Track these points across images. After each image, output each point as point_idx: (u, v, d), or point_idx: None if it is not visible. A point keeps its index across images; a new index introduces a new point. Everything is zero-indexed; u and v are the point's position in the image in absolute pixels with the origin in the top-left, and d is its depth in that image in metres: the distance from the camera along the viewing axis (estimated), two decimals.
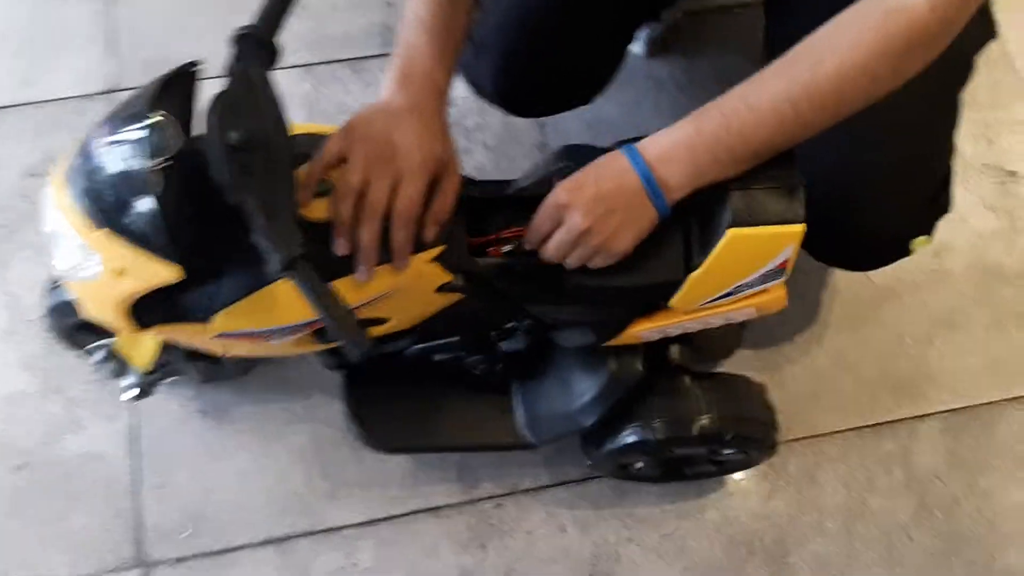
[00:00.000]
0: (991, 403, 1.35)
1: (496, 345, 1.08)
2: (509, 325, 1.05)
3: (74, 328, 1.10)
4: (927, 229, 1.05)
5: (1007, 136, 1.52)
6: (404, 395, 1.14)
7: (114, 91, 1.46)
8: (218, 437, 1.25)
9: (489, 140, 1.46)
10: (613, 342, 1.00)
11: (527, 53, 1.09)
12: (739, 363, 1.32)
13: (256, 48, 0.78)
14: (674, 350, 1.10)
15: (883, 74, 0.77)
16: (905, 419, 1.33)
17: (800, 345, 1.36)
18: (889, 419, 1.33)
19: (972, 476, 1.31)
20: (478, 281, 0.91)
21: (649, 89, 1.51)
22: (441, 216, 0.83)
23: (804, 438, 1.30)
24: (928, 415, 1.33)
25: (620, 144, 1.03)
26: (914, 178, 1.02)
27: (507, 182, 1.10)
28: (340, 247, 0.79)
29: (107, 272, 0.79)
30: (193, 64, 0.81)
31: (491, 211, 0.92)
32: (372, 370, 1.10)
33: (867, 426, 1.32)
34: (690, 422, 1.05)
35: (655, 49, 1.53)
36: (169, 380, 1.21)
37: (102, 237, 0.77)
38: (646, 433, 1.05)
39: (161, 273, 0.76)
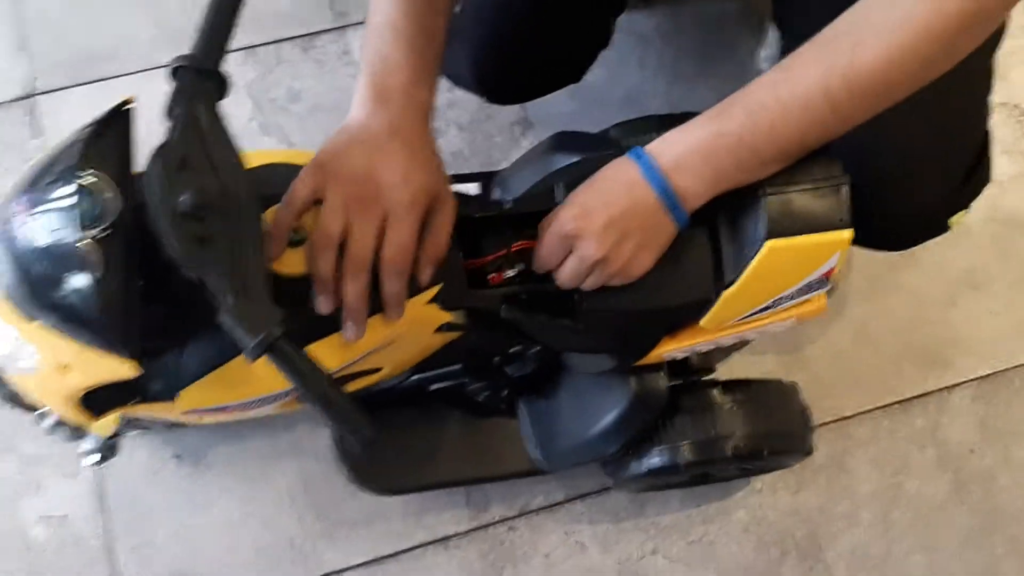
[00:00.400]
0: (1020, 366, 1.26)
1: (501, 370, 0.97)
2: (515, 350, 0.93)
3: (17, 394, 0.99)
4: (966, 203, 0.94)
5: (1019, 69, 1.40)
6: (400, 429, 1.03)
7: (30, 96, 1.28)
8: (196, 484, 1.13)
9: (463, 119, 1.31)
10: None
11: (510, 36, 0.96)
12: (756, 345, 1.22)
13: (199, 81, 0.63)
14: (695, 356, 0.99)
15: (936, 56, 0.65)
16: (933, 391, 1.25)
17: (819, 321, 1.25)
18: (917, 393, 1.24)
19: (1006, 446, 1.23)
20: (481, 315, 0.80)
21: (633, 46, 1.36)
22: (436, 255, 0.71)
23: (830, 422, 1.22)
24: (957, 385, 1.25)
25: (619, 128, 0.92)
26: (951, 149, 0.91)
27: (492, 174, 0.99)
28: (322, 306, 0.67)
29: (47, 366, 0.66)
30: (126, 103, 0.66)
31: (487, 227, 0.80)
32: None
33: (895, 403, 1.24)
34: (722, 442, 0.96)
35: (637, 2, 1.38)
36: (134, 433, 1.07)
37: (35, 330, 0.64)
38: (673, 456, 0.96)
39: (112, 369, 0.63)
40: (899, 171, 0.89)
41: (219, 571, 1.12)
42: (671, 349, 0.87)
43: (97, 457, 0.98)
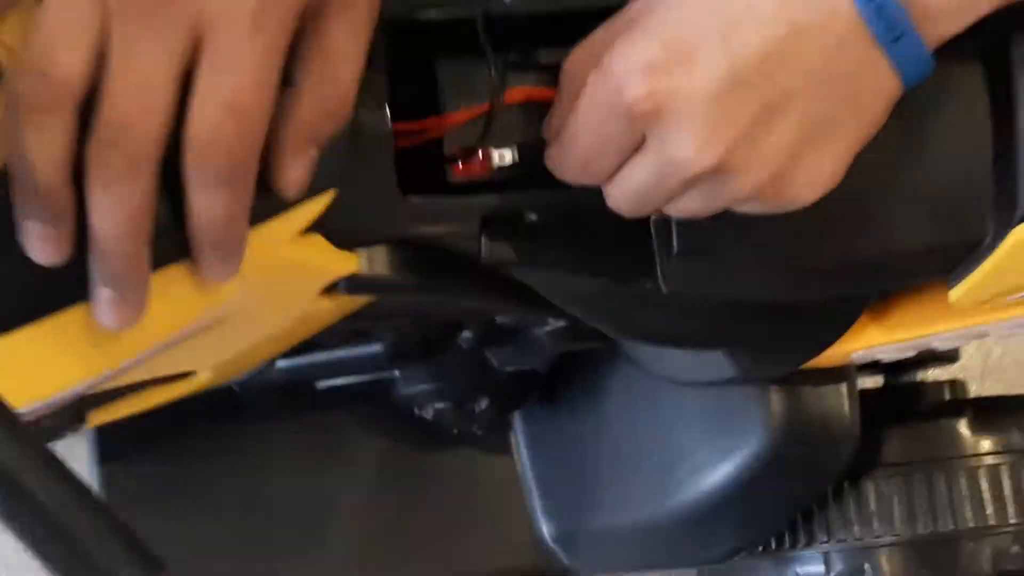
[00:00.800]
0: None
1: (473, 359, 0.74)
2: (504, 320, 0.70)
3: None
4: None
5: None
6: (246, 471, 0.80)
7: None
8: None
9: None
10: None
11: None
12: None
13: None
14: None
15: None
16: None
17: None
18: None
19: None
20: (428, 258, 0.60)
21: None
22: (322, 124, 0.51)
23: None
24: None
25: None
26: None
27: None
28: (40, 247, 0.47)
29: None
30: None
31: (450, 44, 0.59)
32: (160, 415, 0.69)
33: None
34: (971, 546, 0.73)
35: None
36: None
37: None
38: (858, 566, 0.75)
39: None
40: None
41: None
42: (874, 344, 0.65)
43: None
